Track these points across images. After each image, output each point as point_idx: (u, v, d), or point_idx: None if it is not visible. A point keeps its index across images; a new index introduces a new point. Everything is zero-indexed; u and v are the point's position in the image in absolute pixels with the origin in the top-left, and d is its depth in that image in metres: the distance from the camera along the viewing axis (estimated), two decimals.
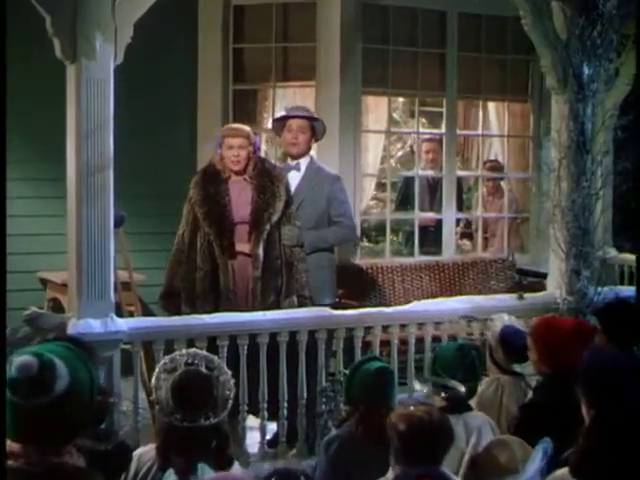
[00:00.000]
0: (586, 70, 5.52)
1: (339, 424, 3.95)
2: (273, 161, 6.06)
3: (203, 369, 3.31)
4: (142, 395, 4.98)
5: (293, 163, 5.70)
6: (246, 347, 4.78)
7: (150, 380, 5.57)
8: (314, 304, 5.22)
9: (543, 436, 3.08)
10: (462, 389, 3.64)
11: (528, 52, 7.49)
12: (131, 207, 5.58)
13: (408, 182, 7.84)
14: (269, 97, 7.18)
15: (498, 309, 5.30)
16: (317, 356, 4.97)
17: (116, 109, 4.45)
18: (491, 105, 7.80)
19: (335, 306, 5.41)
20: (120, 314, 4.96)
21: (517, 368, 4.38)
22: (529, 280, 7.69)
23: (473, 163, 8.73)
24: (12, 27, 2.54)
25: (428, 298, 6.95)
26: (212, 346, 4.61)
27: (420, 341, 5.33)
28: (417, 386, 3.71)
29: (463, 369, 3.79)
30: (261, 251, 5.06)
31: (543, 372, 3.96)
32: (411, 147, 9.49)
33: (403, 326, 5.26)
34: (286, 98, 7.19)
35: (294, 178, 5.58)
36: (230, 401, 3.29)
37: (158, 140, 6.72)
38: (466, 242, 8.36)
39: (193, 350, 3.42)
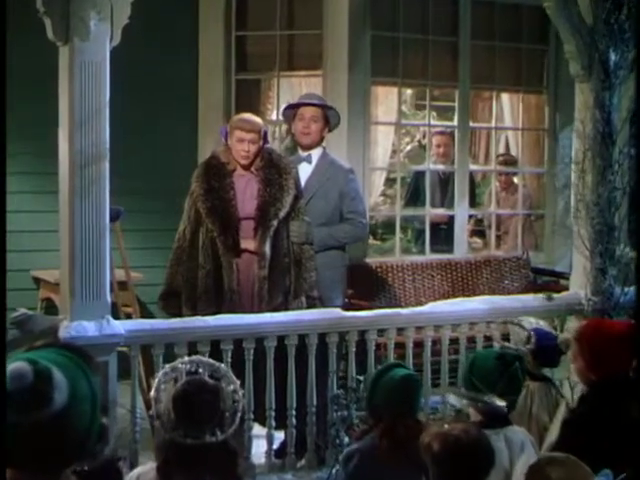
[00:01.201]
0: (612, 56, 5.22)
1: (359, 436, 3.63)
2: None
3: (208, 378, 2.96)
4: (140, 403, 4.67)
5: (304, 154, 5.40)
6: (252, 351, 4.52)
7: (148, 386, 5.33)
8: (324, 305, 4.94)
9: (591, 454, 2.74)
10: (503, 404, 3.28)
11: (543, 41, 7.37)
12: (128, 202, 5.37)
13: (418, 177, 7.55)
14: (273, 87, 6.91)
15: (519, 310, 5.07)
16: (327, 360, 4.68)
17: (111, 97, 4.19)
18: (504, 96, 7.52)
19: (344, 307, 5.12)
20: (116, 316, 4.65)
21: (547, 373, 4.05)
22: (544, 279, 7.46)
23: (481, 157, 8.42)
24: None
25: (440, 298, 6.74)
26: (215, 350, 4.37)
27: (435, 344, 5.06)
28: (452, 401, 3.35)
29: (504, 381, 3.41)
30: (268, 249, 4.79)
31: (590, 381, 3.59)
32: (419, 141, 9.19)
33: (418, 328, 4.97)
34: (291, 88, 6.96)
35: (305, 170, 5.28)
36: (239, 414, 2.96)
37: (156, 132, 6.50)
38: (476, 240, 8.06)
39: (196, 357, 3.07)
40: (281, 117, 6.79)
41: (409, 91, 8.64)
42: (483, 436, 2.82)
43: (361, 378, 4.51)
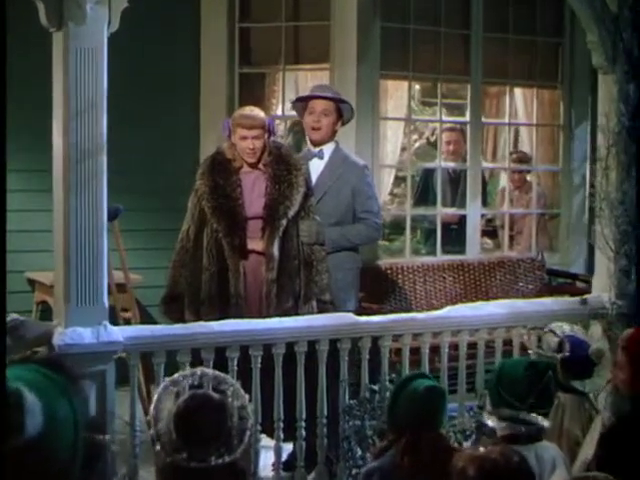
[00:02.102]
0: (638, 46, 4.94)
1: (378, 453, 3.35)
2: None
3: (213, 393, 2.66)
4: (140, 412, 4.40)
5: (315, 150, 5.14)
6: (259, 359, 4.27)
7: (148, 393, 5.08)
8: (336, 309, 4.69)
9: (632, 473, 2.46)
10: (545, 423, 2.98)
11: (558, 34, 7.17)
12: (127, 200, 5.19)
13: (427, 175, 7.34)
14: (278, 82, 6.69)
15: (540, 314, 4.84)
16: (339, 368, 4.42)
17: (109, 90, 3.93)
18: (518, 91, 7.30)
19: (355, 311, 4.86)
20: (115, 321, 4.38)
21: (578, 385, 3.77)
22: (559, 281, 7.26)
23: (492, 155, 8.17)
24: None
25: (451, 300, 6.56)
26: (221, 358, 4.14)
27: (450, 348, 4.79)
28: (490, 423, 3.05)
29: (536, 393, 3.11)
30: (276, 250, 4.55)
31: (635, 393, 3.29)
32: (427, 139, 8.93)
33: (435, 333, 4.71)
34: (297, 83, 6.80)
35: (316, 167, 5.04)
36: (248, 432, 2.67)
37: (156, 126, 6.33)
38: (487, 240, 7.82)
39: (200, 368, 2.75)
40: (287, 112, 6.68)
41: (417, 86, 8.39)
42: (522, 459, 2.53)
43: (376, 388, 4.24)
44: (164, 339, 4.12)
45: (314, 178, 4.92)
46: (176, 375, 2.70)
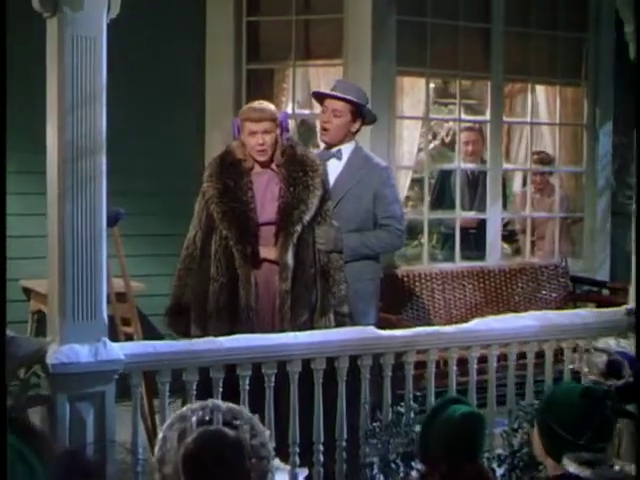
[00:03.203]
0: None
1: None
2: None
3: (227, 429, 2.29)
4: (142, 433, 4.14)
5: (333, 150, 4.83)
6: (273, 377, 3.92)
7: (151, 412, 4.72)
8: (355, 323, 4.37)
9: None
10: (631, 470, 2.57)
11: (582, 28, 6.94)
12: (128, 204, 4.91)
13: (444, 177, 7.07)
14: (288, 78, 6.45)
15: (576, 327, 4.54)
16: (360, 387, 4.08)
17: (107, 86, 3.59)
18: (539, 89, 7.02)
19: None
20: (114, 337, 4.04)
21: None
22: (583, 289, 6.99)
23: (512, 156, 7.88)
24: None
25: (472, 309, 6.35)
26: (231, 377, 3.81)
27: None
28: (572, 469, 2.66)
29: (594, 426, 2.72)
30: (290, 258, 4.23)
31: None
32: (442, 140, 8.62)
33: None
34: (308, 79, 6.50)
35: (334, 168, 4.74)
36: (270, 475, 2.31)
37: (159, 126, 6.10)
38: (504, 245, 7.49)
39: (211, 401, 2.38)
40: (297, 111, 6.38)
41: (431, 84, 8.10)
42: None
43: (402, 410, 3.88)
44: (169, 356, 3.77)
45: (332, 180, 4.62)
46: (184, 409, 2.33)
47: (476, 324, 4.43)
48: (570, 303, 6.66)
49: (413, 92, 6.63)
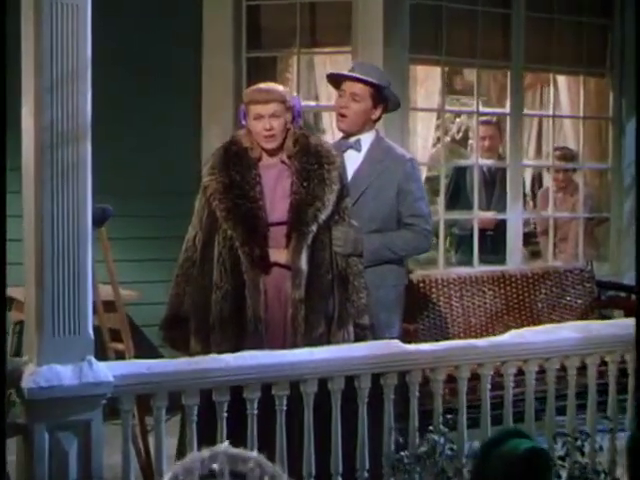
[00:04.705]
0: None
1: None
2: None
3: None
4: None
5: (352, 139, 4.44)
6: (285, 399, 3.51)
7: (144, 440, 4.27)
8: (376, 336, 3.99)
9: None
10: None
11: (607, 15, 6.70)
12: (117, 203, 4.60)
13: (458, 175, 6.74)
14: (292, 67, 6.23)
15: (623, 338, 4.07)
16: (383, 410, 3.65)
17: (93, 72, 3.17)
18: (561, 79, 6.74)
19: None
20: (102, 355, 3.59)
21: None
22: (609, 294, 6.68)
23: (532, 151, 7.55)
24: None
25: (492, 317, 6.11)
26: (237, 400, 3.40)
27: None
28: None
29: None
30: (304, 262, 3.86)
31: None
32: (453, 136, 8.29)
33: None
34: (313, 68, 6.32)
35: (353, 160, 4.37)
36: None
37: (151, 118, 5.85)
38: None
39: (220, 447, 1.98)
40: (302, 102, 5.99)
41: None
42: None
43: (436, 437, 3.41)
44: (165, 377, 3.32)
45: (350, 174, 4.24)
46: (188, 459, 1.91)
47: (511, 337, 4.00)
48: (596, 310, 6.32)
49: (427, 82, 6.37)
